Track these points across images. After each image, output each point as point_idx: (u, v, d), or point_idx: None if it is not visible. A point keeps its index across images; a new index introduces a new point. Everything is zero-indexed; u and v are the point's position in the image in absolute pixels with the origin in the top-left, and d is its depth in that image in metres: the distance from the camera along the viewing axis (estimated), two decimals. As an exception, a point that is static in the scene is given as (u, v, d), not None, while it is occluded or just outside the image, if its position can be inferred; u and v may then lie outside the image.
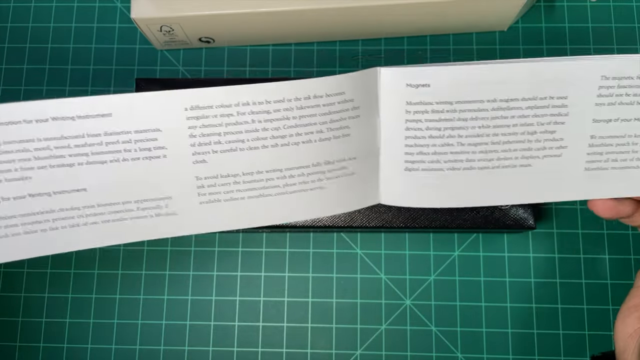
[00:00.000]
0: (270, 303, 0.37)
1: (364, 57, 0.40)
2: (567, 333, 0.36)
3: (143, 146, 0.26)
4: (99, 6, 0.41)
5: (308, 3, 0.35)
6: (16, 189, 0.25)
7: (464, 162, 0.28)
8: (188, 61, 0.40)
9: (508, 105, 0.27)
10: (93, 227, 0.26)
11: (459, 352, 0.36)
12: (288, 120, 0.27)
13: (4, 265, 0.37)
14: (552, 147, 0.28)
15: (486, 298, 0.37)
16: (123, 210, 0.27)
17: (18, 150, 0.25)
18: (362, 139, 0.28)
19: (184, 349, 0.36)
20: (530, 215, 0.33)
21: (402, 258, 0.37)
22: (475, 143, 0.28)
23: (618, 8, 0.40)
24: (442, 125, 0.28)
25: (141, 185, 0.26)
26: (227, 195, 0.28)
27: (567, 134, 0.28)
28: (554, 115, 0.27)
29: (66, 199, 0.26)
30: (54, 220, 0.26)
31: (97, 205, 0.26)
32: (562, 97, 0.27)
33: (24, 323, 0.37)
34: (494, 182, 0.29)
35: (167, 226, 0.27)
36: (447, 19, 0.38)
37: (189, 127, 0.26)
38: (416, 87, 0.27)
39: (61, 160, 0.25)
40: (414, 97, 0.27)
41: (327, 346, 0.36)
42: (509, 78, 0.27)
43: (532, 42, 0.40)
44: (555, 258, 0.37)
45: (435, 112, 0.27)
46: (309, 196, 0.28)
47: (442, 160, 0.28)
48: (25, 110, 0.24)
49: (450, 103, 0.27)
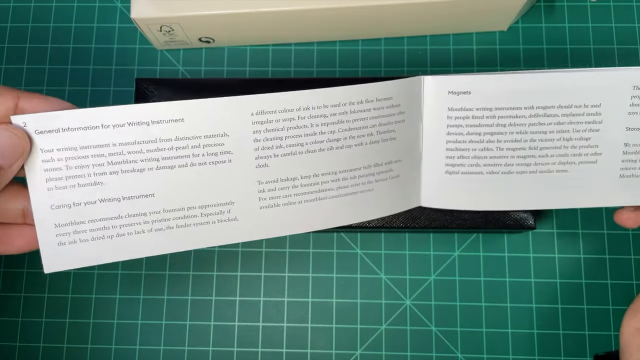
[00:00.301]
0: (270, 303, 0.37)
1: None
2: (568, 333, 0.36)
3: (211, 151, 0.26)
4: (98, 6, 0.41)
5: (308, 3, 0.35)
6: (88, 194, 0.25)
7: (502, 167, 0.29)
8: (188, 61, 0.40)
9: (545, 112, 0.28)
10: (158, 234, 0.26)
11: (459, 352, 0.36)
12: (343, 124, 0.28)
13: (4, 265, 0.37)
14: (588, 154, 0.29)
15: (486, 298, 0.37)
16: (188, 216, 0.27)
17: (94, 156, 0.25)
18: (406, 142, 0.29)
19: (183, 349, 0.36)
20: (530, 215, 0.33)
21: (402, 258, 0.37)
22: (514, 148, 0.29)
23: (618, 8, 0.40)
24: (482, 131, 0.29)
25: (206, 191, 0.27)
26: (286, 200, 0.28)
27: (601, 141, 0.29)
28: (589, 123, 0.29)
29: (134, 204, 0.26)
30: (121, 226, 0.26)
31: (162, 211, 0.26)
32: (595, 105, 0.28)
33: (24, 323, 0.37)
34: (532, 187, 0.30)
35: (228, 232, 0.27)
36: (447, 19, 0.38)
37: (254, 132, 0.26)
38: (457, 94, 0.29)
39: (133, 165, 0.25)
40: (456, 104, 0.29)
41: (327, 346, 0.36)
42: (545, 87, 0.28)
43: (532, 42, 0.40)
44: (556, 258, 0.37)
45: (476, 117, 0.29)
46: (360, 199, 0.29)
47: (481, 164, 0.29)
48: (105, 115, 0.25)
49: (489, 109, 0.29)
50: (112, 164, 0.25)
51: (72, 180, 0.25)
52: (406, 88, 0.28)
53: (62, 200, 0.25)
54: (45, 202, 0.25)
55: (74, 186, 0.25)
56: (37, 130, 0.24)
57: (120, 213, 0.26)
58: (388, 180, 0.29)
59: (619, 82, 0.28)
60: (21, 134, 0.23)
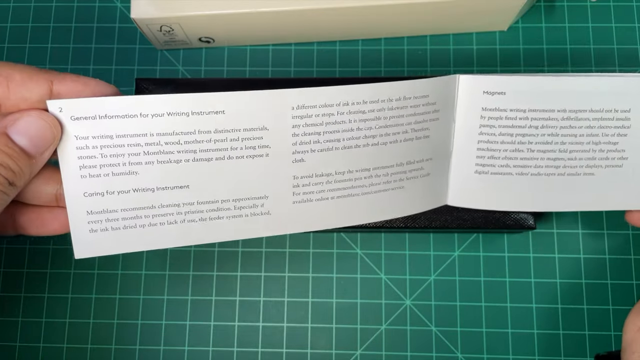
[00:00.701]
0: (270, 303, 0.37)
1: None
2: (568, 333, 0.36)
3: (249, 144, 0.26)
4: (98, 6, 0.41)
5: (308, 3, 0.35)
6: (122, 183, 0.25)
7: (532, 168, 0.30)
8: (188, 61, 0.40)
9: (577, 116, 0.29)
10: (190, 225, 0.26)
11: (459, 352, 0.36)
12: (380, 121, 0.28)
13: (4, 265, 0.37)
14: (615, 158, 0.30)
15: (486, 298, 0.37)
16: (221, 209, 0.26)
17: (130, 145, 0.24)
18: (439, 141, 0.30)
19: (183, 349, 0.36)
20: (530, 215, 0.33)
21: (402, 258, 0.37)
22: (544, 150, 0.29)
23: (618, 8, 0.40)
24: (515, 132, 0.29)
25: (241, 184, 0.26)
26: (319, 195, 0.28)
27: (628, 145, 0.29)
28: (618, 128, 0.29)
29: (168, 195, 0.25)
30: (153, 216, 0.26)
31: (196, 202, 0.26)
32: (625, 110, 0.29)
33: (24, 323, 0.37)
34: (559, 189, 0.30)
35: (260, 226, 0.27)
36: (447, 19, 0.38)
37: (293, 126, 0.26)
38: (492, 95, 0.29)
39: (169, 156, 0.25)
40: (490, 104, 0.29)
41: (327, 346, 0.36)
42: (579, 90, 0.28)
43: (532, 42, 0.40)
44: (556, 258, 0.37)
45: (509, 118, 0.29)
46: (391, 196, 0.29)
47: (511, 165, 0.30)
48: (144, 104, 0.24)
49: (523, 111, 0.29)
50: (148, 154, 0.25)
51: (106, 169, 0.24)
52: (442, 86, 0.28)
53: (95, 188, 0.24)
54: (78, 189, 0.24)
55: (108, 175, 0.24)
56: (73, 116, 0.23)
57: (153, 203, 0.25)
58: (419, 179, 0.30)
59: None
60: (52, 121, 0.23)
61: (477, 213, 0.33)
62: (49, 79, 0.23)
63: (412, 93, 0.28)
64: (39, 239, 0.38)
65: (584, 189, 0.30)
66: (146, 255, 0.37)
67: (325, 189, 0.28)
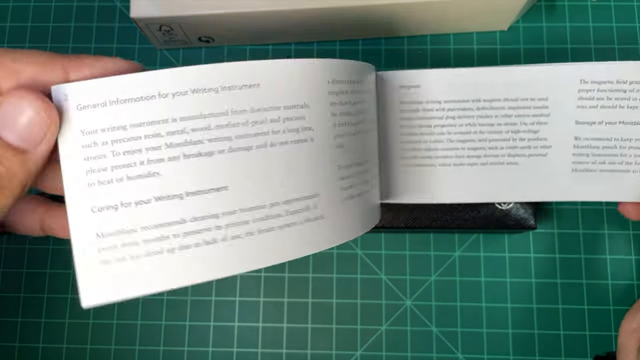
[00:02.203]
0: (270, 304, 0.37)
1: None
2: (568, 334, 0.36)
3: (291, 126, 0.21)
4: (98, 6, 0.41)
5: (308, 3, 0.35)
6: (140, 189, 0.19)
7: (453, 158, 0.30)
8: (188, 60, 0.40)
9: (491, 105, 0.29)
10: (235, 244, 0.20)
11: (460, 353, 0.36)
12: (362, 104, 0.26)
13: (4, 265, 0.37)
14: (537, 147, 0.30)
15: (487, 298, 0.36)
16: (270, 216, 0.20)
17: (148, 136, 0.19)
18: (371, 139, 0.29)
19: (183, 349, 0.36)
20: (531, 216, 0.33)
21: (402, 258, 0.37)
22: (464, 140, 0.30)
23: (619, 8, 0.40)
24: (433, 123, 0.30)
25: (289, 180, 0.21)
26: (360, 189, 0.24)
27: (550, 133, 0.29)
28: (536, 116, 0.29)
29: (202, 202, 0.19)
30: (185, 234, 0.19)
31: (239, 210, 0.20)
32: (542, 98, 0.29)
33: (23, 323, 0.37)
34: (484, 179, 0.30)
35: (316, 235, 0.22)
36: (448, 19, 0.38)
37: (331, 104, 0.22)
38: (408, 88, 0.29)
39: (199, 147, 0.19)
40: (407, 97, 0.30)
41: (327, 347, 0.36)
42: (489, 81, 0.29)
43: (533, 42, 0.40)
44: (556, 258, 0.37)
45: (426, 110, 0.30)
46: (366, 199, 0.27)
47: (433, 156, 0.30)
48: (162, 80, 0.19)
49: (438, 102, 0.30)
50: (171, 147, 0.19)
51: (119, 171, 0.19)
52: (365, 78, 0.26)
53: (107, 199, 0.19)
54: (85, 203, 0.19)
55: (122, 179, 0.19)
56: (80, 105, 0.19)
57: (183, 215, 0.19)
58: (372, 182, 0.28)
59: (566, 76, 0.29)
60: (40, 102, 0.18)
61: (478, 212, 0.33)
62: (65, 69, 0.20)
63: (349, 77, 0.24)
64: (39, 239, 0.38)
65: (511, 178, 0.30)
66: (146, 256, 0.37)
67: (363, 180, 0.24)
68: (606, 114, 0.29)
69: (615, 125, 0.29)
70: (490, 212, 0.33)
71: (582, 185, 0.30)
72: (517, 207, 0.33)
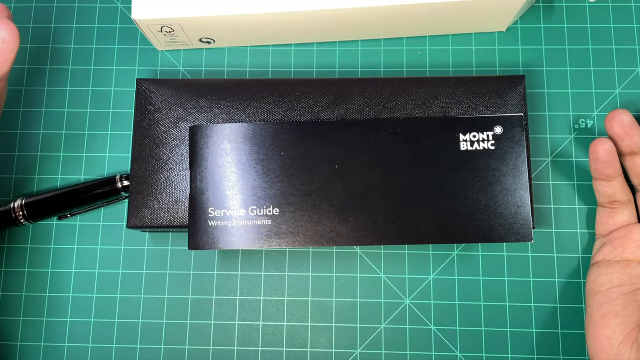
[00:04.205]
0: (270, 302, 0.37)
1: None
2: (567, 333, 0.36)
3: None
4: (100, 7, 0.41)
5: (308, 4, 0.35)
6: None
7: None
8: (189, 62, 0.40)
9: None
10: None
11: (459, 352, 0.36)
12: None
13: (5, 265, 0.38)
14: None
15: (485, 297, 0.37)
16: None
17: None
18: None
19: (184, 348, 0.37)
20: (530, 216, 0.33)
21: (401, 257, 0.37)
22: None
23: (617, 8, 0.40)
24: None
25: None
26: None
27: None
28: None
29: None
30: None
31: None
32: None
33: (24, 322, 0.37)
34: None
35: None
36: (447, 20, 0.38)
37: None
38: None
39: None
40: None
41: (327, 345, 0.36)
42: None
43: (531, 43, 0.40)
44: (555, 258, 0.37)
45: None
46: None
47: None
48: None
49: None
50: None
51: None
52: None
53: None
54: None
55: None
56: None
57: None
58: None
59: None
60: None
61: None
62: None
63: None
64: (38, 238, 0.38)
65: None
66: (147, 255, 0.38)
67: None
68: None
69: None
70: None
71: None
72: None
